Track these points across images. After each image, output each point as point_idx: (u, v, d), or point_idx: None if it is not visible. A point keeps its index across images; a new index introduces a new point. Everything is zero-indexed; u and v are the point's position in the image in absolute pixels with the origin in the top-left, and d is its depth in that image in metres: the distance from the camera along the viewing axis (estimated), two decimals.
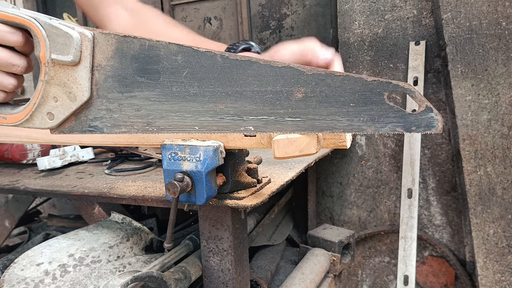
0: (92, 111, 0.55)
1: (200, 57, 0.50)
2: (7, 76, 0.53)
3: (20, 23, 0.50)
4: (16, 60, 0.52)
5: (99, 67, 0.52)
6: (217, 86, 0.50)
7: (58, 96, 0.53)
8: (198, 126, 0.53)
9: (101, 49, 0.52)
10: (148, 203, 0.77)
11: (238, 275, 0.75)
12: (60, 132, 0.56)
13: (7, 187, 0.91)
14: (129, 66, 0.52)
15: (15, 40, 0.51)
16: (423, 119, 0.45)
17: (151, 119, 0.54)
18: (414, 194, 1.54)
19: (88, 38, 0.51)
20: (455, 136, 1.44)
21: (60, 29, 0.50)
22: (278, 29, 1.92)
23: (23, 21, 0.50)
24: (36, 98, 0.54)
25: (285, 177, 0.82)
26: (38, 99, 0.54)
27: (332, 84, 0.47)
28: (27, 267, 0.64)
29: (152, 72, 0.52)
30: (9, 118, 0.56)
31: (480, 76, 1.37)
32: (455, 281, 1.63)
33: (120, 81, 0.53)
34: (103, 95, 0.54)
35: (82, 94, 0.53)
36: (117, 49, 0.52)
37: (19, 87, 0.55)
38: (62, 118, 0.54)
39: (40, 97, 0.54)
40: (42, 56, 0.51)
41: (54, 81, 0.53)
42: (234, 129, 0.52)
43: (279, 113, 0.50)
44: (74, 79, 0.52)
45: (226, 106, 0.51)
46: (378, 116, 0.46)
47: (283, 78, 0.48)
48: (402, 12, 1.53)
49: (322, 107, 0.48)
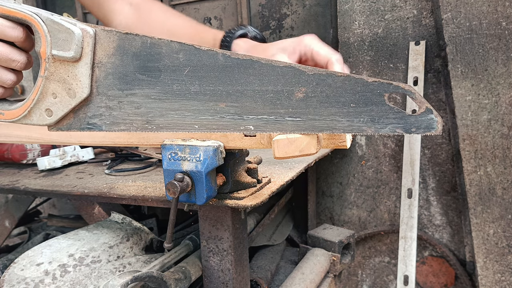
0: (91, 108, 0.54)
1: (202, 56, 0.50)
2: (6, 71, 0.53)
3: (21, 18, 0.50)
4: (16, 55, 0.52)
5: (99, 64, 0.52)
6: (218, 84, 0.50)
7: (57, 93, 0.53)
8: (198, 125, 0.53)
9: (103, 46, 0.52)
10: (148, 203, 0.77)
11: (238, 275, 0.75)
12: (58, 129, 0.56)
13: (7, 187, 0.91)
14: (130, 63, 0.52)
15: (16, 35, 0.51)
16: (423, 121, 0.45)
17: (151, 117, 0.54)
18: (414, 194, 1.54)
19: (90, 35, 0.51)
20: (455, 136, 1.44)
21: (62, 25, 0.50)
22: (278, 29, 1.92)
23: (24, 16, 0.50)
24: (35, 94, 0.53)
25: (285, 177, 0.82)
26: (37, 95, 0.53)
27: (333, 84, 0.47)
28: (27, 267, 0.64)
29: (153, 70, 0.52)
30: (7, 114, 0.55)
31: (480, 76, 1.37)
32: (455, 281, 1.63)
33: (121, 78, 0.53)
34: (103, 92, 0.53)
35: (82, 91, 0.53)
36: (118, 46, 0.52)
37: (18, 83, 0.55)
38: (61, 114, 0.54)
39: (39, 93, 0.53)
40: (43, 51, 0.51)
41: (54, 77, 0.52)
42: (234, 128, 0.52)
43: (280, 112, 0.50)
44: (74, 75, 0.52)
45: (226, 105, 0.51)
46: (378, 117, 0.46)
47: (284, 77, 0.48)
48: (402, 12, 1.53)
49: (323, 107, 0.48)
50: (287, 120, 0.50)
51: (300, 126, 0.49)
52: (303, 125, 0.49)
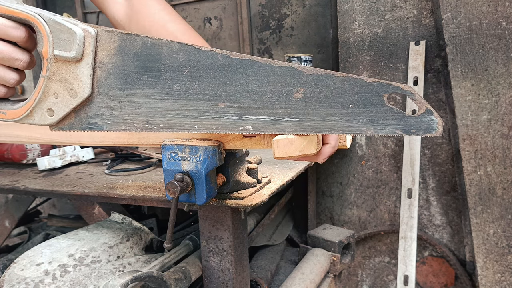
0: (92, 108, 0.55)
1: (202, 56, 0.50)
2: (9, 70, 0.53)
3: (24, 18, 0.50)
4: (19, 54, 0.52)
5: (101, 64, 0.53)
6: (218, 85, 0.51)
7: (59, 92, 0.53)
8: (197, 125, 0.53)
9: (104, 46, 0.52)
10: (148, 203, 0.77)
11: (238, 275, 0.75)
12: (60, 129, 0.56)
13: (7, 187, 0.91)
14: (131, 63, 0.52)
15: (18, 35, 0.51)
16: (423, 122, 0.44)
17: (151, 117, 0.54)
18: (414, 194, 1.54)
19: (91, 35, 0.51)
20: (455, 136, 1.44)
21: (64, 25, 0.50)
22: (278, 29, 1.92)
23: (27, 17, 0.50)
24: (36, 94, 0.54)
25: (285, 177, 0.82)
26: (38, 95, 0.54)
27: (331, 84, 0.47)
28: (27, 267, 0.64)
29: (153, 70, 0.52)
30: (9, 113, 0.56)
31: (480, 76, 1.37)
32: (455, 281, 1.63)
33: (122, 78, 0.53)
34: (104, 92, 0.54)
35: (83, 91, 0.53)
36: (119, 46, 0.52)
37: (20, 83, 0.55)
38: (62, 114, 0.54)
39: (41, 93, 0.53)
40: (45, 51, 0.51)
41: (55, 77, 0.53)
42: (233, 128, 0.52)
43: (278, 113, 0.50)
44: (76, 75, 0.52)
45: (225, 105, 0.51)
46: (378, 118, 0.46)
47: (283, 78, 0.48)
48: (402, 12, 1.53)
49: (321, 108, 0.48)
50: (286, 121, 0.50)
51: (299, 127, 0.49)
52: (302, 125, 0.49)
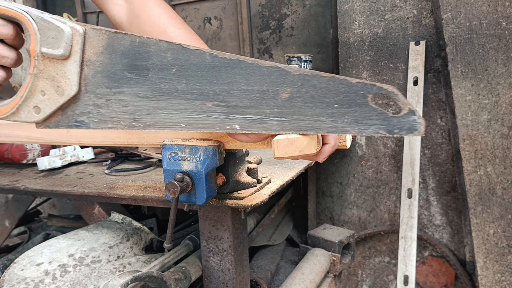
0: (79, 106, 0.54)
1: (190, 55, 0.50)
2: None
3: (11, 16, 0.50)
4: (6, 52, 0.52)
5: (88, 62, 0.53)
6: (205, 84, 0.51)
7: (45, 90, 0.53)
8: (185, 124, 0.53)
9: (92, 44, 0.52)
10: (148, 203, 0.77)
11: (238, 275, 0.75)
12: (46, 127, 0.56)
13: (7, 187, 0.91)
14: (118, 62, 0.52)
15: (6, 32, 0.51)
16: (406, 122, 0.45)
17: (138, 116, 0.54)
18: (414, 194, 1.54)
19: (79, 33, 0.51)
20: (455, 136, 1.44)
21: (52, 23, 0.50)
22: (278, 29, 1.92)
23: (14, 14, 0.50)
24: (23, 91, 0.53)
25: (285, 177, 0.82)
26: (25, 93, 0.53)
27: (317, 85, 0.47)
28: (27, 267, 0.64)
29: (141, 69, 0.52)
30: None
31: (480, 76, 1.37)
32: (455, 281, 1.63)
33: (109, 76, 0.53)
34: (91, 90, 0.53)
35: (70, 89, 0.53)
36: (107, 44, 0.52)
37: (7, 80, 0.55)
38: (49, 112, 0.54)
39: (28, 91, 0.53)
40: (32, 49, 0.51)
41: (42, 74, 0.52)
42: (220, 127, 0.52)
43: (265, 112, 0.50)
44: (63, 73, 0.52)
45: (213, 104, 0.51)
46: (362, 118, 0.46)
47: (270, 77, 0.48)
48: (402, 12, 1.53)
49: (307, 108, 0.48)
50: (272, 120, 0.50)
51: (285, 126, 0.50)
52: (288, 125, 0.49)
